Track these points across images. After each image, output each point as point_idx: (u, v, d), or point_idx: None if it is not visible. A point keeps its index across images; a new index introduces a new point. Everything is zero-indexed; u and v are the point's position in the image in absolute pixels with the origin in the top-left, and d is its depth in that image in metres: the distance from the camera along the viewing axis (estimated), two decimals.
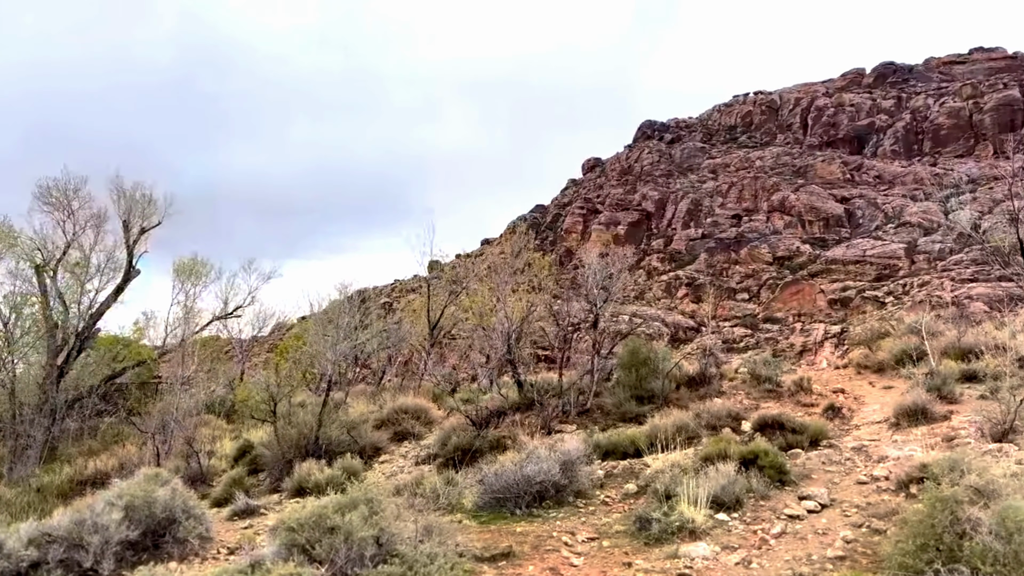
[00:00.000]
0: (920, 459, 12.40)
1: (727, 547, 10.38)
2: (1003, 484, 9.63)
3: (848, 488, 12.50)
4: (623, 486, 13.97)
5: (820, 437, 15.41)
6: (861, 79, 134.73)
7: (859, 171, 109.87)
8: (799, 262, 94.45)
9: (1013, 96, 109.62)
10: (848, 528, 10.63)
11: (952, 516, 8.34)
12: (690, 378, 22.50)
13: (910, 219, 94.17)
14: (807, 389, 20.02)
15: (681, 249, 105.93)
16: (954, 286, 77.34)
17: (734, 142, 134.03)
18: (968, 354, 20.46)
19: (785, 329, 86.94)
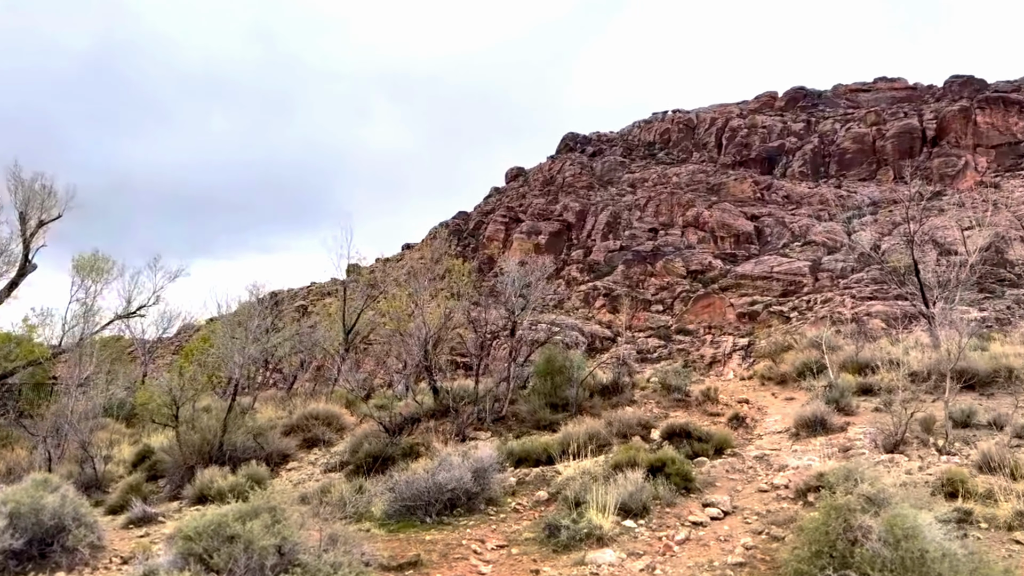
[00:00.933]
0: (818, 468, 12.92)
1: (633, 553, 10.54)
2: (893, 493, 10.15)
3: (750, 496, 12.90)
4: (535, 493, 14.01)
5: (725, 446, 15.87)
6: (773, 102, 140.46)
7: (769, 190, 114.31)
8: (711, 276, 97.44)
9: (913, 125, 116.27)
10: (749, 535, 10.96)
11: (845, 524, 8.70)
12: (604, 387, 22.82)
13: (815, 238, 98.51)
14: (714, 399, 20.60)
15: (600, 260, 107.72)
16: (854, 303, 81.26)
17: (653, 158, 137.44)
18: (865, 368, 21.48)
19: (696, 340, 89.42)
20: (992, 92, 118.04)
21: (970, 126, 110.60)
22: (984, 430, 15.98)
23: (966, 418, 16.39)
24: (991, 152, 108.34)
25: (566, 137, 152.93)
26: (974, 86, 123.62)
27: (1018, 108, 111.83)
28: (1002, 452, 13.39)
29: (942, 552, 8.11)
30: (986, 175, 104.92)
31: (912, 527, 8.20)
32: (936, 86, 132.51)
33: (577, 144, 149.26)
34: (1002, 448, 13.69)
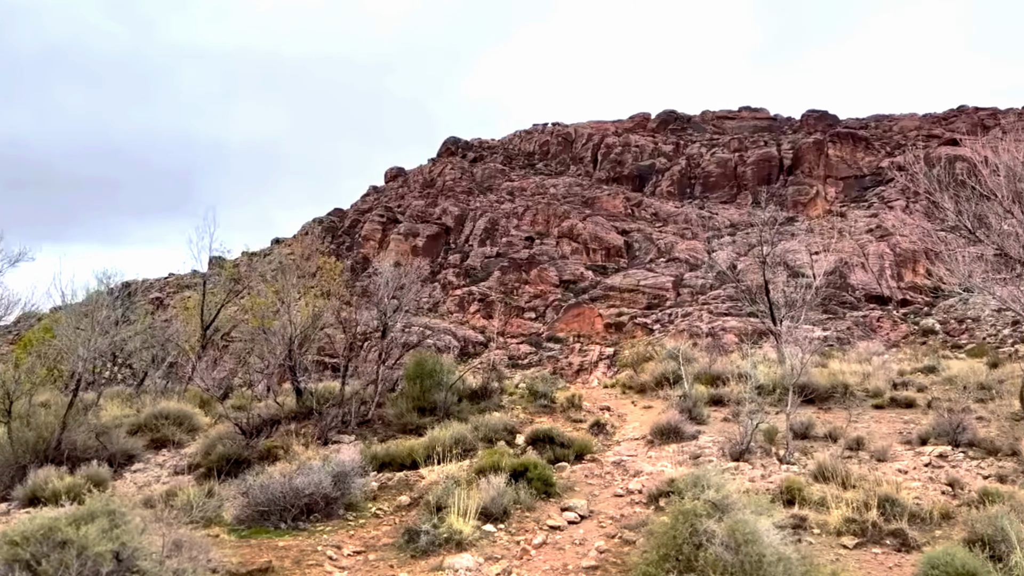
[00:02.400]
0: (669, 475, 13.52)
1: (491, 558, 10.62)
2: (736, 500, 10.72)
3: (606, 500, 13.32)
4: (397, 498, 13.86)
5: (585, 451, 16.32)
6: (646, 123, 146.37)
7: (639, 207, 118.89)
8: (582, 287, 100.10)
9: (771, 153, 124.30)
10: (603, 538, 11.30)
11: (692, 528, 9.13)
12: (473, 391, 22.92)
13: (679, 255, 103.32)
14: (578, 406, 21.15)
15: (476, 265, 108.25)
16: (711, 318, 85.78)
17: (531, 168, 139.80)
18: (717, 380, 22.72)
19: (566, 348, 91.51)
20: (843, 128, 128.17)
21: (822, 158, 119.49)
22: (821, 442, 17.27)
23: (805, 430, 17.66)
24: (839, 183, 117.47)
25: (448, 141, 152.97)
26: (827, 121, 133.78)
27: (864, 144, 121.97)
28: (835, 463, 14.50)
29: (778, 556, 8.66)
30: (834, 204, 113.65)
31: (752, 532, 8.72)
32: (794, 118, 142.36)
33: (459, 149, 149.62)
34: (835, 459, 14.83)
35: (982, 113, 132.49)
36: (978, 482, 14.31)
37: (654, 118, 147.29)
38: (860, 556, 10.97)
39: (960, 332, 79.09)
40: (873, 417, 19.83)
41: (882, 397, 21.57)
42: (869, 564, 10.70)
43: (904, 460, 15.78)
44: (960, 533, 11.39)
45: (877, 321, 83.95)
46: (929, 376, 25.31)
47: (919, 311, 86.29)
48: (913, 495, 13.40)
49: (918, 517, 12.38)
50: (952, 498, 13.60)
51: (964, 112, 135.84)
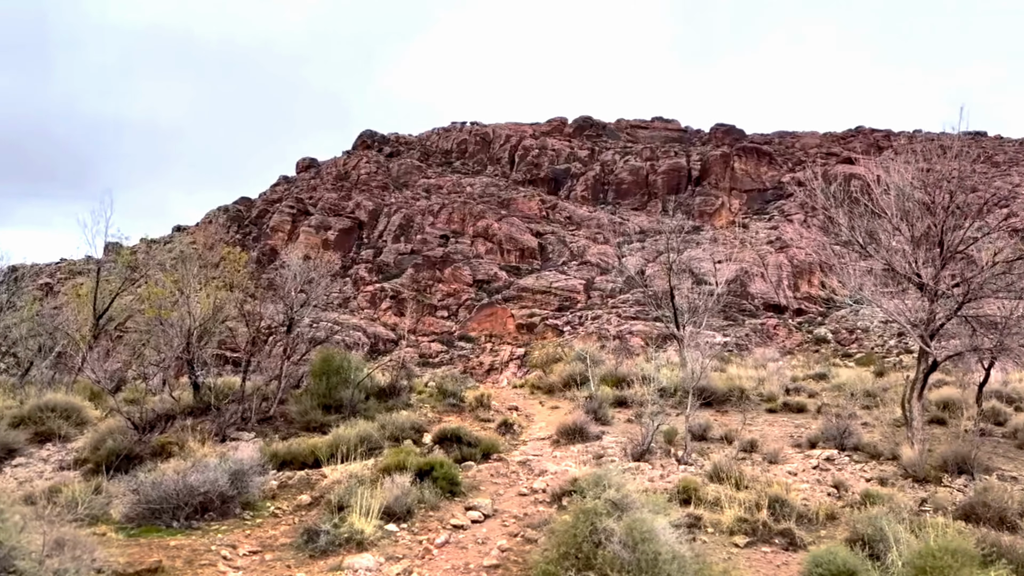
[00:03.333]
0: (573, 474, 13.73)
1: (392, 558, 10.52)
2: (636, 499, 10.99)
3: (511, 499, 13.41)
4: (297, 497, 13.54)
5: (492, 451, 16.38)
6: (563, 127, 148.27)
7: (554, 210, 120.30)
8: (496, 287, 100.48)
9: (681, 164, 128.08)
10: (505, 537, 11.37)
11: (592, 527, 9.29)
12: (381, 389, 22.65)
13: (591, 259, 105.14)
14: (487, 405, 21.21)
15: (390, 262, 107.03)
16: (619, 321, 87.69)
17: (448, 166, 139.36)
18: (622, 382, 23.23)
19: (477, 348, 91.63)
20: (748, 143, 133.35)
21: (728, 171, 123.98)
22: (717, 443, 17.91)
23: (703, 432, 18.28)
24: (743, 196, 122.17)
25: (364, 134, 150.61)
26: (734, 135, 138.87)
27: (768, 159, 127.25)
28: (730, 464, 15.07)
29: (673, 554, 8.92)
30: (738, 216, 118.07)
31: (649, 531, 8.95)
32: (704, 131, 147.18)
33: (375, 143, 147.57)
34: (730, 460, 15.41)
35: (877, 134, 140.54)
36: (861, 484, 15.16)
37: (571, 123, 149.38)
38: (750, 555, 11.43)
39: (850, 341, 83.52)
40: (767, 420, 20.70)
41: (776, 402, 22.54)
42: (759, 562, 11.17)
43: (794, 462, 16.54)
44: (843, 533, 12.03)
45: (774, 329, 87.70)
46: (820, 383, 26.61)
47: (813, 320, 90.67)
48: (801, 496, 14.08)
49: (805, 517, 13.01)
50: (837, 499, 14.35)
51: (861, 132, 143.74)
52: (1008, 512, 13.46)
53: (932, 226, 17.96)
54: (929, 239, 18.09)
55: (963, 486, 15.34)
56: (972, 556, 9.91)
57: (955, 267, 18.81)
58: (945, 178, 18.53)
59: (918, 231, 18.22)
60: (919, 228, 18.23)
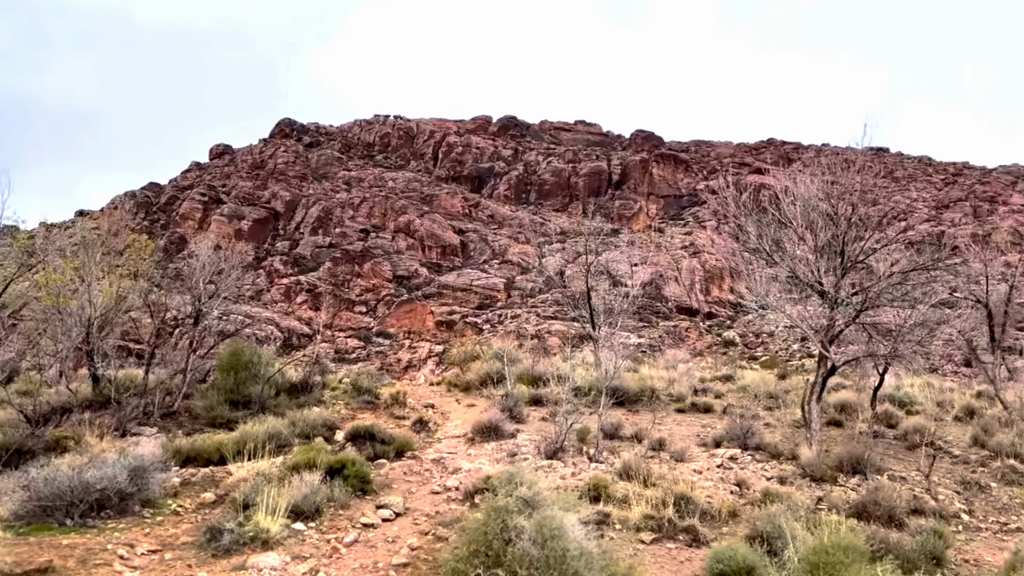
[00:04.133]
0: (487, 472, 13.77)
1: (298, 557, 10.31)
2: (547, 496, 11.10)
3: (423, 498, 13.34)
4: (200, 495, 13.11)
5: (406, 448, 16.26)
6: (488, 126, 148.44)
7: (477, 208, 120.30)
8: (416, 283, 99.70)
9: (602, 167, 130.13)
10: (416, 536, 11.30)
11: (503, 524, 9.33)
12: (292, 385, 22.16)
13: (512, 258, 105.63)
14: (402, 403, 21.03)
15: (306, 255, 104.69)
16: (538, 321, 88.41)
17: (371, 159, 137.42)
18: (539, 381, 23.44)
19: (396, 345, 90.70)
20: (666, 149, 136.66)
21: (647, 176, 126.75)
22: (628, 442, 18.29)
23: (615, 430, 18.63)
24: (661, 201, 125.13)
25: (282, 122, 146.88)
26: (653, 142, 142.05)
27: (684, 166, 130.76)
28: (639, 462, 15.41)
29: (580, 551, 9.06)
30: (655, 220, 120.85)
31: (558, 528, 9.06)
32: (624, 136, 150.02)
33: (294, 132, 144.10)
34: (639, 459, 15.75)
35: (787, 146, 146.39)
36: (762, 483, 15.76)
37: (495, 122, 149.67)
38: (656, 551, 11.73)
39: (756, 345, 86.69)
40: (675, 420, 21.27)
41: (685, 402, 23.20)
42: (663, 558, 11.47)
43: (700, 461, 17.06)
44: (744, 530, 12.48)
45: (685, 331, 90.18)
46: (726, 384, 27.54)
47: (722, 324, 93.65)
48: (706, 494, 14.53)
49: (709, 515, 13.44)
50: (739, 497, 14.88)
51: (773, 144, 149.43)
52: (897, 510, 14.27)
53: (835, 236, 18.84)
54: (831, 249, 18.97)
55: (857, 485, 16.15)
56: (862, 552, 10.44)
57: (855, 276, 19.81)
58: (848, 191, 19.47)
59: (821, 241, 19.09)
60: (822, 238, 19.10)
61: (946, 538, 13.14)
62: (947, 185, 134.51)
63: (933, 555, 12.26)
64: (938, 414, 23.43)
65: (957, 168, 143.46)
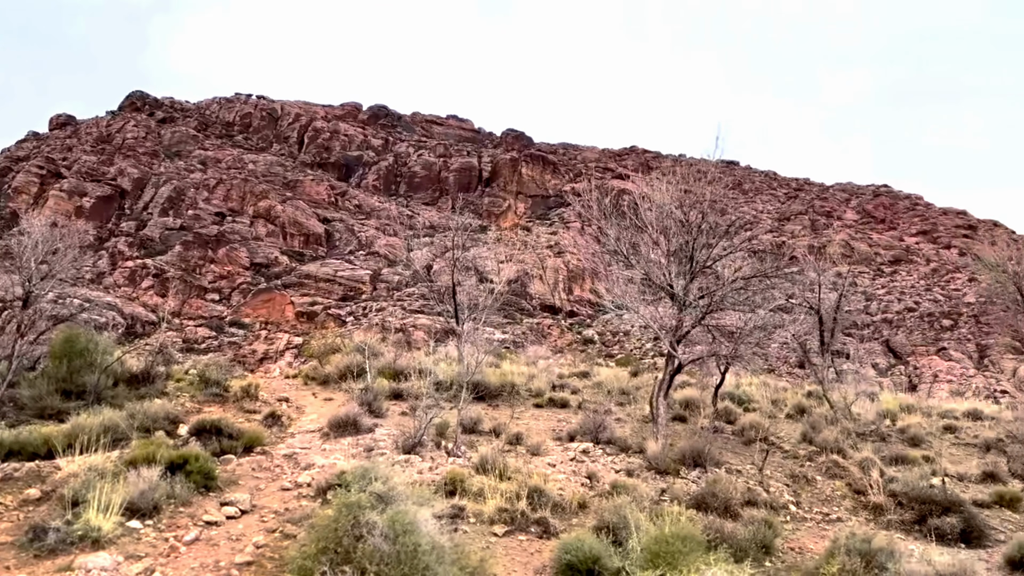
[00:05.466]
0: (341, 467, 13.50)
1: (132, 556, 9.70)
2: (402, 491, 11.04)
3: (272, 494, 12.90)
4: (24, 491, 12.08)
5: (256, 443, 15.66)
6: (357, 113, 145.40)
7: (343, 197, 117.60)
8: (275, 271, 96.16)
9: (472, 164, 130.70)
10: (263, 533, 10.91)
11: (354, 520, 9.18)
12: (133, 375, 20.82)
13: (379, 250, 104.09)
14: (254, 396, 20.23)
15: (155, 237, 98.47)
16: (404, 315, 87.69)
17: (230, 139, 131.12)
18: (400, 375, 23.23)
19: (251, 335, 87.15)
20: (536, 150, 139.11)
21: (516, 175, 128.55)
22: (486, 436, 18.49)
23: (474, 425, 18.78)
24: (529, 200, 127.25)
25: (133, 95, 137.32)
26: (523, 142, 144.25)
27: (553, 168, 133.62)
28: (496, 456, 15.62)
29: (432, 545, 9.07)
30: (522, 219, 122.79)
31: (411, 523, 9.03)
32: (495, 134, 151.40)
33: (146, 106, 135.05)
34: (496, 453, 15.97)
35: (648, 154, 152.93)
36: (611, 475, 16.40)
37: (365, 110, 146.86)
38: (508, 543, 11.94)
39: (614, 343, 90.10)
40: (533, 415, 21.72)
41: (543, 397, 23.73)
42: (515, 550, 11.69)
43: (554, 454, 17.51)
44: (592, 521, 12.94)
45: (548, 328, 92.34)
46: (583, 380, 28.41)
47: (583, 322, 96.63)
48: (558, 487, 14.95)
49: (560, 507, 13.84)
50: (590, 489, 15.41)
51: (634, 152, 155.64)
52: (732, 501, 15.27)
53: (686, 243, 19.88)
54: (682, 254, 20.01)
55: (697, 478, 17.13)
56: (699, 542, 11.10)
57: (703, 281, 20.98)
58: (700, 200, 20.60)
59: (674, 246, 20.09)
60: (675, 243, 20.11)
61: (775, 528, 14.21)
62: (789, 199, 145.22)
63: (763, 544, 13.22)
64: (772, 412, 25.21)
65: (799, 183, 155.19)
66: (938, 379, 79.67)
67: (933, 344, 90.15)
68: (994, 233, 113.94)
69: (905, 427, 24.25)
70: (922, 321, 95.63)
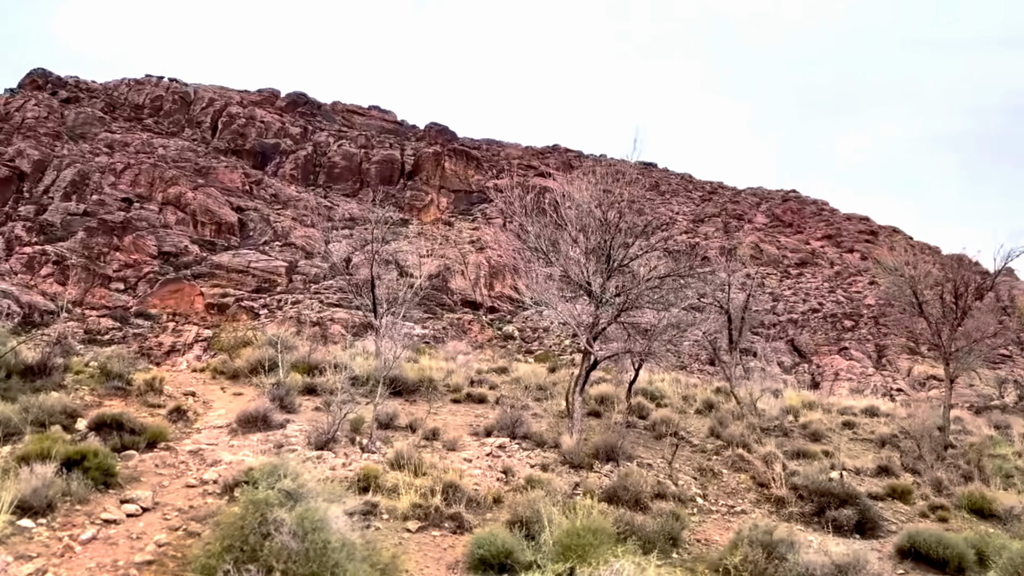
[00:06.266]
0: (250, 463, 13.14)
1: (23, 556, 9.19)
2: (312, 488, 10.83)
3: (176, 491, 12.45)
4: None
5: (159, 439, 15.08)
6: (275, 100, 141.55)
7: (259, 185, 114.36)
8: (185, 261, 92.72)
9: (395, 156, 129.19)
10: (165, 531, 10.52)
11: (261, 518, 8.95)
12: (28, 367, 19.67)
13: (296, 241, 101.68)
14: (158, 390, 19.44)
15: (56, 222, 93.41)
16: (321, 308, 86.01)
17: (139, 122, 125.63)
18: (314, 369, 22.77)
19: (158, 327, 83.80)
20: (459, 145, 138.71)
21: (439, 169, 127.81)
22: (403, 431, 18.35)
23: (390, 420, 18.61)
24: (451, 195, 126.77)
25: (35, 72, 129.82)
26: (447, 136, 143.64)
27: (476, 163, 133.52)
28: (411, 451, 15.52)
29: (343, 542, 8.93)
30: (445, 214, 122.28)
31: (321, 520, 8.86)
32: (419, 127, 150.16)
33: (48, 84, 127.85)
34: (412, 448, 15.87)
35: (570, 154, 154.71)
36: (527, 470, 16.53)
37: (284, 96, 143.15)
38: (421, 539, 11.88)
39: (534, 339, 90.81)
40: (451, 410, 21.68)
41: (461, 392, 23.71)
42: (428, 546, 11.65)
43: (471, 449, 17.54)
44: (506, 515, 13.01)
45: (469, 324, 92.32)
46: (501, 376, 28.53)
47: (503, 318, 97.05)
48: (474, 482, 14.97)
49: (475, 502, 13.86)
50: (505, 484, 15.50)
51: (557, 150, 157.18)
52: (642, 495, 15.63)
53: (604, 241, 20.20)
54: (600, 252, 20.32)
55: (610, 472, 17.46)
56: (609, 534, 11.31)
57: (619, 279, 21.36)
58: (618, 200, 20.97)
59: (592, 244, 20.39)
60: (593, 242, 20.40)
61: (682, 520, 14.63)
62: (704, 201, 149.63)
63: (671, 536, 13.59)
64: (683, 407, 25.95)
65: (713, 187, 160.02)
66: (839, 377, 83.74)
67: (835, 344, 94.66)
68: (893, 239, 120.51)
69: (807, 423, 25.36)
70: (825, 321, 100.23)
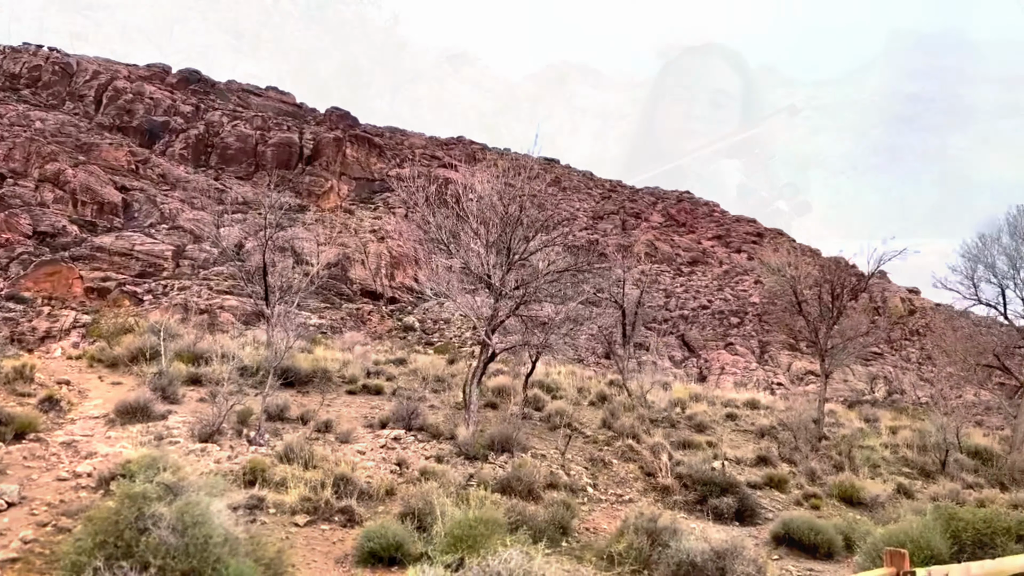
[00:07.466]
0: (128, 456, 12.51)
1: None
2: (194, 481, 10.41)
3: (46, 485, 11.72)
4: None
5: (29, 429, 14.15)
6: (166, 76, 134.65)
7: (145, 165, 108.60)
8: (63, 242, 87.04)
9: (293, 139, 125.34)
10: (32, 527, 9.89)
11: (138, 512, 8.52)
12: None
13: (184, 224, 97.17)
14: (29, 378, 18.20)
15: None
16: (210, 295, 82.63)
17: (15, 93, 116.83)
18: (200, 359, 21.88)
19: (31, 311, 78.32)
20: (361, 131, 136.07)
21: (340, 155, 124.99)
22: (293, 424, 17.91)
23: (281, 412, 18.11)
24: (353, 182, 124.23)
25: None
26: (348, 122, 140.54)
27: (379, 151, 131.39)
28: (302, 444, 15.18)
29: (225, 537, 8.62)
30: (345, 201, 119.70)
31: (202, 514, 8.52)
32: (319, 111, 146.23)
33: None
34: (302, 441, 15.52)
35: (475, 146, 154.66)
36: (421, 462, 16.46)
37: (175, 73, 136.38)
38: (309, 533, 11.63)
39: (434, 331, 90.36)
40: (345, 402, 21.32)
41: (356, 384, 23.35)
42: (316, 540, 11.42)
43: (365, 442, 17.30)
44: (398, 508, 12.92)
45: (368, 314, 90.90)
46: (399, 367, 28.29)
47: (404, 309, 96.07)
48: (367, 474, 14.79)
49: (367, 494, 13.69)
50: (399, 476, 15.38)
51: (462, 142, 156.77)
52: (535, 485, 15.86)
53: (504, 234, 20.32)
54: (501, 245, 20.43)
55: (504, 463, 17.62)
56: (501, 524, 11.41)
57: (519, 272, 21.56)
58: (520, 194, 21.13)
59: (493, 237, 20.47)
60: (494, 234, 20.49)
61: (573, 509, 14.94)
62: (604, 199, 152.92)
63: (561, 525, 13.85)
64: (577, 399, 26.46)
65: (612, 185, 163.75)
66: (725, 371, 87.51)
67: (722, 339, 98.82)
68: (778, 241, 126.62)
69: (693, 415, 26.39)
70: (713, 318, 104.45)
